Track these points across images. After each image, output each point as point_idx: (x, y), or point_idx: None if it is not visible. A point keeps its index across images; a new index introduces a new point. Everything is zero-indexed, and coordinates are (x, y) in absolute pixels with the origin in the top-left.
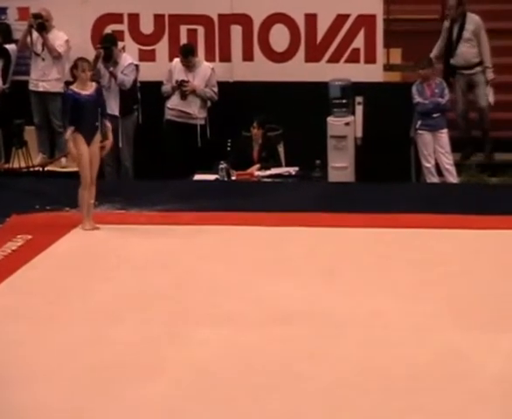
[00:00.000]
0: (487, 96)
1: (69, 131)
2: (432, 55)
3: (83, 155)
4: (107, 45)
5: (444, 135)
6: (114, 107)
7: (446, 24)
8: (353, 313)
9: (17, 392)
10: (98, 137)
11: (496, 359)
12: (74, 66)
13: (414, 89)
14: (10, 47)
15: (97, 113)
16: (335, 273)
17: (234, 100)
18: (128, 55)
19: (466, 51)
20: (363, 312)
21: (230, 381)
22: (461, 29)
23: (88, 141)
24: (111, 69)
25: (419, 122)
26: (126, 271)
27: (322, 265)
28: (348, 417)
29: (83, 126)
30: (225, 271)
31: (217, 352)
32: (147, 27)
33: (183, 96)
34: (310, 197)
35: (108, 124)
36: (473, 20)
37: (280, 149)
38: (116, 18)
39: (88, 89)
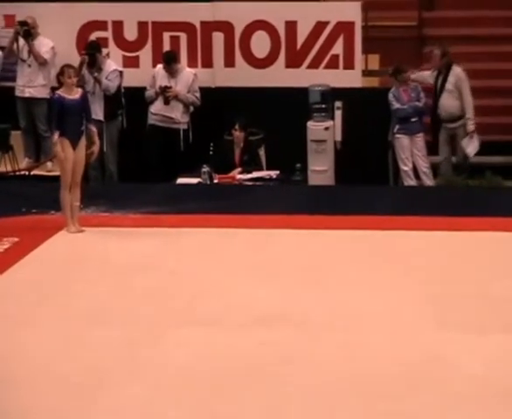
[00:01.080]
0: (465, 148)
1: (56, 135)
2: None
3: (67, 159)
4: (91, 52)
5: (420, 139)
6: (98, 112)
7: (434, 74)
8: (333, 316)
9: None
10: (83, 141)
11: (476, 361)
12: (60, 73)
13: (391, 95)
14: None
15: (82, 118)
16: (315, 275)
17: (216, 106)
18: (112, 61)
19: (447, 104)
20: (344, 314)
21: (208, 383)
22: (444, 80)
23: (74, 146)
24: (95, 75)
25: (397, 127)
26: (110, 273)
27: (302, 267)
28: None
29: (68, 130)
30: (207, 273)
31: (196, 354)
32: (131, 34)
33: (166, 101)
34: (291, 200)
35: (94, 128)
36: (455, 72)
37: (261, 153)
38: (101, 25)
39: (74, 94)
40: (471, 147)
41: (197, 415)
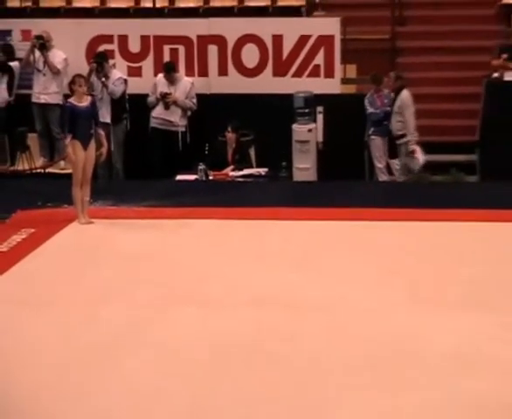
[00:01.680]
0: (409, 165)
1: (68, 138)
2: None
3: (78, 160)
4: (99, 60)
5: None
6: (106, 116)
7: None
8: (320, 298)
9: (18, 368)
10: (93, 143)
11: (449, 338)
12: (72, 82)
13: (366, 101)
14: (14, 64)
15: (91, 123)
16: (304, 262)
17: (211, 110)
18: (118, 70)
19: (393, 122)
20: (330, 296)
21: (206, 358)
22: (394, 101)
23: (85, 147)
24: (103, 80)
25: (372, 129)
26: (116, 260)
27: (292, 254)
28: (316, 392)
29: (79, 133)
30: (205, 259)
31: (195, 331)
32: (134, 47)
33: (166, 106)
34: (278, 194)
35: (102, 132)
36: (401, 96)
37: (252, 153)
38: (107, 39)
39: (84, 102)
40: (413, 163)
41: (196, 387)
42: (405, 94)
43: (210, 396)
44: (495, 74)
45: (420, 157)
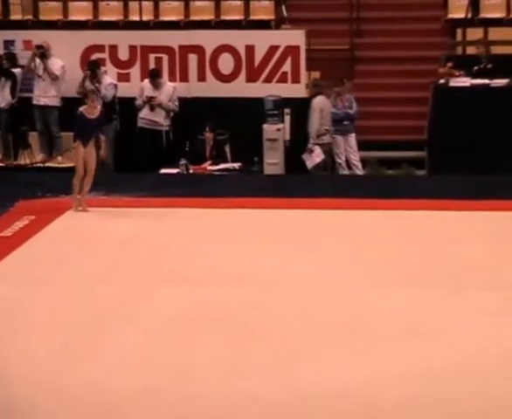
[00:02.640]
0: (305, 161)
1: (77, 143)
2: None
3: (78, 155)
4: (92, 68)
5: (352, 138)
6: None
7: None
8: (289, 276)
9: (20, 337)
10: (92, 142)
11: (404, 311)
12: (86, 96)
13: (330, 102)
14: (17, 71)
15: (96, 129)
16: (274, 245)
17: (191, 112)
18: (109, 76)
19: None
20: (297, 275)
21: (191, 329)
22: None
23: (85, 145)
24: (96, 85)
25: (333, 128)
26: (109, 243)
27: (264, 239)
28: (282, 355)
29: (84, 138)
30: (188, 243)
31: (181, 306)
32: (123, 55)
33: (152, 108)
34: (251, 186)
35: (103, 137)
36: (313, 101)
37: (227, 149)
38: (99, 48)
39: (94, 114)
40: (309, 161)
41: (183, 353)
42: (316, 100)
43: (193, 358)
44: (442, 81)
45: (316, 158)
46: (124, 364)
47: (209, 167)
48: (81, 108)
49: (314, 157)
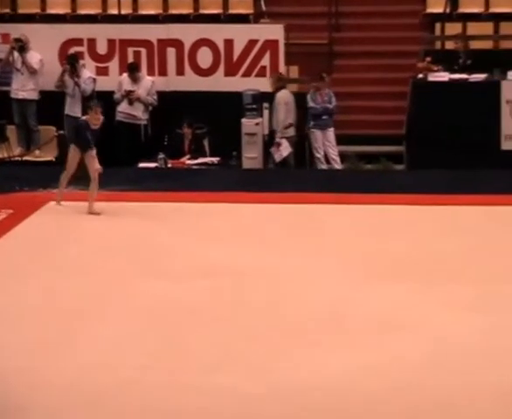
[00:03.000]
0: (273, 154)
1: (93, 150)
2: None
3: (73, 160)
4: (71, 62)
5: (331, 133)
6: (77, 111)
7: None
8: (266, 270)
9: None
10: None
11: (379, 305)
12: (90, 107)
13: (309, 97)
14: None
15: (95, 138)
16: (253, 239)
17: (170, 106)
18: (87, 70)
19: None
20: (274, 269)
21: (165, 322)
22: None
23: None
24: (76, 79)
25: (312, 122)
26: (87, 237)
27: (242, 233)
28: (257, 346)
29: (82, 145)
30: (165, 237)
31: (156, 300)
32: (102, 49)
33: (130, 102)
34: (229, 180)
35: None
36: (277, 95)
37: (206, 143)
38: (78, 42)
39: (97, 124)
40: (277, 155)
41: (160, 346)
42: (280, 94)
43: (170, 351)
44: (420, 75)
45: (284, 151)
46: (98, 358)
47: (187, 161)
48: (85, 117)
49: (282, 151)
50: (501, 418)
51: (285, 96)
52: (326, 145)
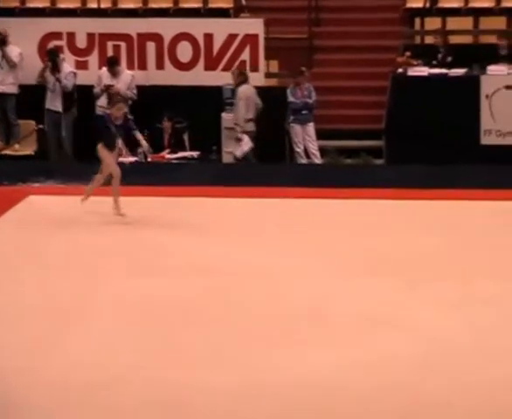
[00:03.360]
0: (234, 151)
1: (100, 144)
2: None
3: (111, 161)
4: (52, 58)
5: (311, 127)
6: (58, 105)
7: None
8: (247, 265)
9: None
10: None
11: (362, 301)
12: (112, 104)
13: (289, 91)
14: None
15: (119, 135)
16: (232, 234)
17: (150, 100)
18: (68, 65)
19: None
20: (256, 264)
21: (145, 318)
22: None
23: (112, 149)
24: (57, 76)
25: (291, 117)
26: (67, 232)
27: (222, 228)
28: (239, 343)
29: (109, 142)
30: (146, 231)
31: (135, 296)
32: (81, 43)
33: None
34: (209, 174)
35: (138, 135)
36: (238, 90)
37: (185, 138)
38: (57, 36)
39: (119, 120)
40: (238, 150)
41: (147, 340)
42: (241, 89)
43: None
44: (400, 70)
45: (245, 146)
46: (84, 356)
47: (167, 155)
48: (108, 111)
49: (243, 146)
50: (492, 416)
51: (246, 91)
52: (306, 139)
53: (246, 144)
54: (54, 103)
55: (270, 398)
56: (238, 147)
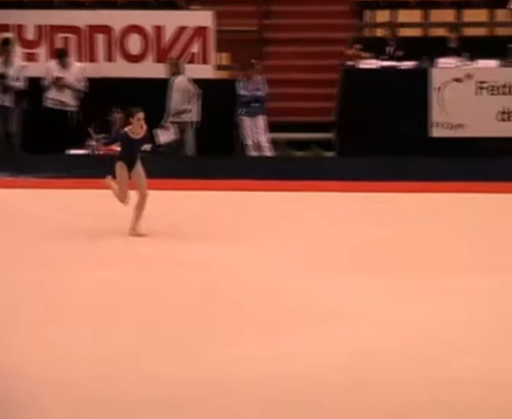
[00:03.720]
0: (158, 136)
1: (118, 163)
2: None
3: (122, 177)
4: (7, 49)
5: (261, 120)
6: (7, 100)
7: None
8: (201, 258)
9: None
10: (139, 163)
11: (323, 294)
12: (130, 115)
13: (240, 84)
14: None
15: (139, 149)
16: (184, 226)
17: (100, 92)
18: (18, 57)
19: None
20: (208, 257)
21: (103, 311)
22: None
23: (130, 168)
24: (3, 70)
25: (241, 110)
26: (19, 225)
27: (173, 221)
28: (200, 337)
29: (127, 158)
30: (98, 223)
31: (90, 288)
32: (30, 35)
33: (59, 89)
34: (160, 167)
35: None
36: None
37: None
38: (5, 28)
39: (140, 133)
40: (162, 137)
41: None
42: (177, 80)
43: (111, 340)
44: (350, 62)
45: (170, 135)
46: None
47: (117, 148)
48: (126, 128)
49: (169, 134)
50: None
51: (180, 83)
52: (257, 132)
53: (172, 134)
54: (3, 98)
55: (257, 390)
56: (164, 134)
